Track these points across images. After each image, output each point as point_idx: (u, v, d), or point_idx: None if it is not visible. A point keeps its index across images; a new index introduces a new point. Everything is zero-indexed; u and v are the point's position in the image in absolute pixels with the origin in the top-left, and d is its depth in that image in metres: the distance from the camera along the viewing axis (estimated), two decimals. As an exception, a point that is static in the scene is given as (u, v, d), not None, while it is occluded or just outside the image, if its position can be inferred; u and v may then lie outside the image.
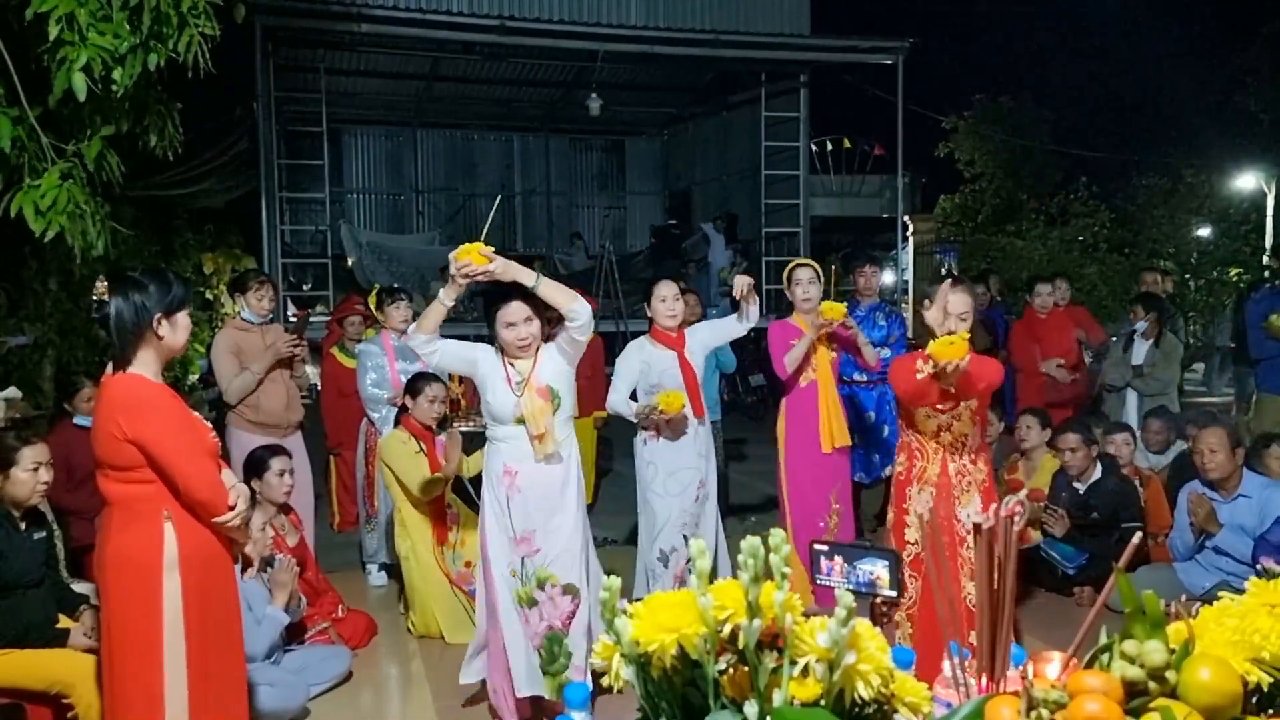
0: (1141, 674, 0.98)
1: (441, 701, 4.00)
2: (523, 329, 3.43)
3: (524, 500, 3.45)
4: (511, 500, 3.45)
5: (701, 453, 4.46)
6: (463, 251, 3.23)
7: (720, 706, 1.08)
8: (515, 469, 3.45)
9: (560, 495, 3.50)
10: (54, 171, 3.41)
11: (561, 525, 3.49)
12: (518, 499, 3.45)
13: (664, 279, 4.69)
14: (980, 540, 1.26)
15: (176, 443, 2.58)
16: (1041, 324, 7.01)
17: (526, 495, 3.45)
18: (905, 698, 1.11)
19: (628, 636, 1.09)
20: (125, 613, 2.62)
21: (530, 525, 3.46)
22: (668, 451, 4.38)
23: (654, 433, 4.40)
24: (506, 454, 3.47)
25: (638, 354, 4.48)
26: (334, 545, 6.02)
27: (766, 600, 1.05)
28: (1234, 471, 4.39)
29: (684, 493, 4.36)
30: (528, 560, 3.47)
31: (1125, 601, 1.04)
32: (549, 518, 3.47)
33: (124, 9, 3.36)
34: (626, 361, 4.49)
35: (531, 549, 3.46)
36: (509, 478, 3.46)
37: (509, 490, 3.45)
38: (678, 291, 4.55)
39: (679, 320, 4.54)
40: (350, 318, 6.66)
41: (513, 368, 3.47)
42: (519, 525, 3.46)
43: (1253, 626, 1.08)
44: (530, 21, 11.70)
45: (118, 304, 2.59)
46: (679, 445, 4.39)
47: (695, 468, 4.41)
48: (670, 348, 4.45)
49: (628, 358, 4.50)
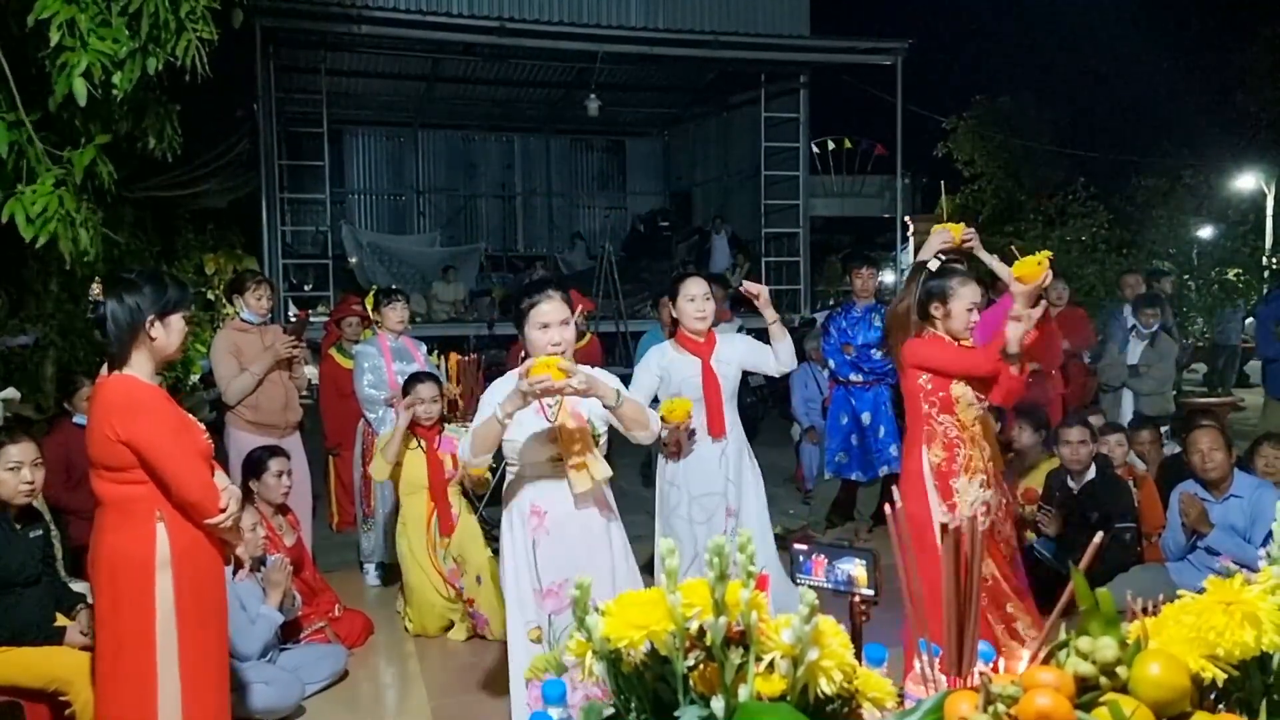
0: (1093, 669, 1.01)
1: (437, 700, 4.04)
2: (556, 332, 2.88)
3: (553, 545, 2.92)
4: (539, 545, 2.93)
5: (730, 477, 3.98)
6: (540, 366, 2.64)
7: (689, 702, 1.11)
8: (545, 509, 2.93)
9: (599, 536, 2.98)
10: (47, 179, 3.44)
11: (603, 570, 2.91)
12: (545, 544, 2.93)
13: (692, 276, 4.17)
14: (947, 539, 1.29)
15: (168, 444, 2.61)
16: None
17: (557, 539, 2.92)
18: (869, 693, 1.13)
19: (599, 633, 1.12)
20: (118, 612, 2.65)
21: (561, 575, 2.89)
22: (694, 473, 3.94)
23: (674, 448, 3.93)
24: (534, 492, 2.95)
25: (657, 360, 4.01)
26: (333, 545, 6.06)
27: (733, 598, 1.08)
28: (1226, 472, 4.41)
29: (710, 521, 3.89)
30: (556, 618, 2.91)
31: (1081, 599, 1.07)
32: (588, 564, 2.85)
33: (123, 14, 3.40)
34: (645, 371, 4.04)
35: (561, 604, 2.89)
36: (536, 519, 2.94)
37: (535, 533, 2.94)
38: (708, 289, 4.04)
39: (709, 323, 4.03)
40: (348, 318, 6.70)
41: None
42: (546, 575, 2.93)
43: (1208, 624, 1.10)
44: (530, 23, 11.74)
45: (112, 305, 2.63)
46: (705, 468, 3.94)
47: (721, 493, 3.93)
48: (695, 354, 3.98)
49: (646, 366, 4.05)
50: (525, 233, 17.76)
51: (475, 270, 14.56)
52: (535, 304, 2.90)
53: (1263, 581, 1.14)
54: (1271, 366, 7.00)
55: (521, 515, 2.98)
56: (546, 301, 2.90)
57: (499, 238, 17.03)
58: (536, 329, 2.89)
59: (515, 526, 3.00)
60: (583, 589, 1.15)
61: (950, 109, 18.62)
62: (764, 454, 8.48)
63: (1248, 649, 1.08)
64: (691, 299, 3.99)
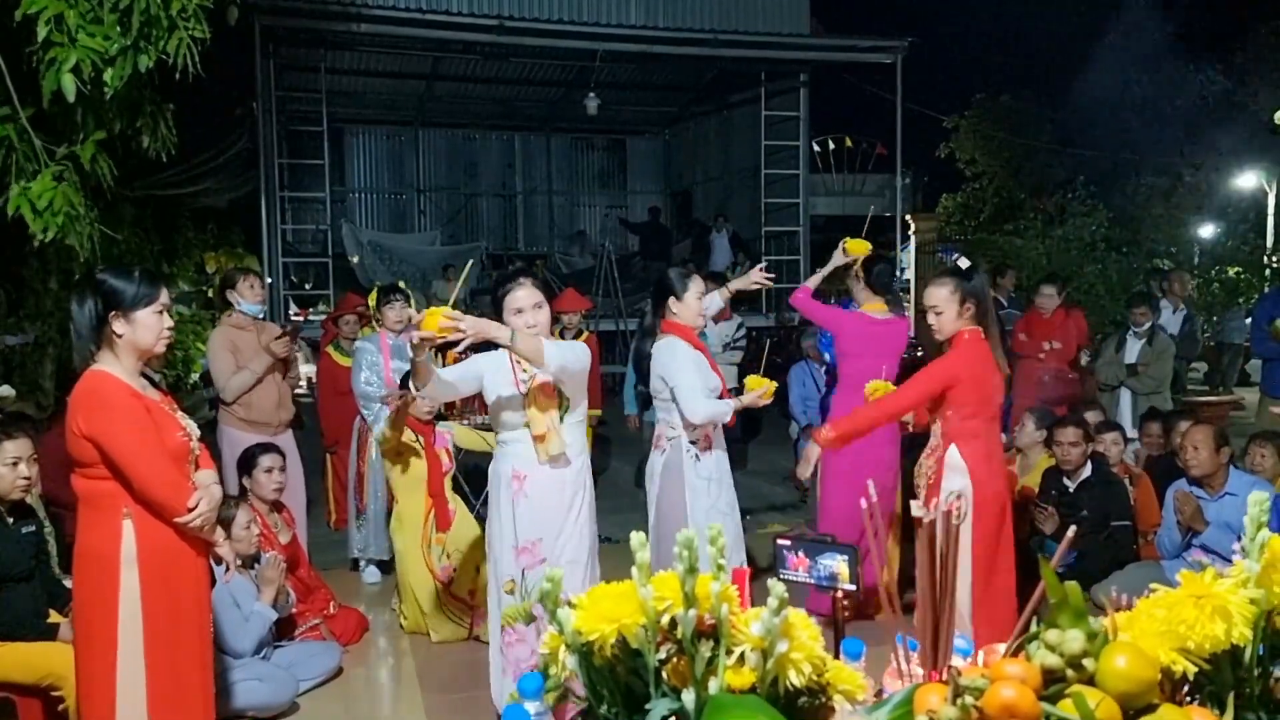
0: (1060, 662, 1.01)
1: (431, 697, 4.04)
2: (530, 315, 3.19)
3: (531, 507, 3.26)
4: (518, 506, 3.27)
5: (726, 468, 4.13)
6: (426, 321, 2.83)
7: (661, 694, 1.11)
8: (524, 473, 3.27)
9: (570, 501, 3.30)
10: (46, 174, 3.44)
11: (569, 534, 3.29)
12: (524, 505, 3.26)
13: (697, 274, 4.20)
14: (921, 534, 1.29)
15: (131, 441, 2.59)
16: (1044, 324, 7.04)
17: (534, 501, 3.26)
18: (840, 685, 1.13)
19: (570, 627, 1.12)
20: (88, 608, 2.66)
21: (536, 533, 3.26)
22: (723, 467, 4.02)
23: (705, 444, 3.91)
24: (515, 458, 3.28)
25: (690, 354, 3.89)
26: (329, 543, 6.06)
27: (703, 591, 1.08)
28: (1219, 470, 4.41)
29: (733, 512, 4.01)
30: (529, 572, 3.24)
31: (1051, 592, 1.07)
32: (558, 525, 3.27)
33: (114, 11, 3.39)
34: (693, 362, 3.86)
35: (535, 559, 3.25)
36: (517, 482, 3.27)
37: (516, 496, 3.27)
38: (705, 288, 4.12)
39: (707, 321, 4.18)
40: (346, 316, 6.70)
41: (519, 365, 3.26)
42: (523, 533, 3.26)
43: (1179, 617, 1.10)
44: (529, 21, 11.74)
45: (74, 304, 2.65)
46: (723, 459, 4.02)
47: (731, 484, 4.08)
48: (701, 350, 3.99)
49: (692, 360, 3.87)
50: (526, 232, 17.76)
51: (476, 269, 14.58)
52: (509, 291, 3.22)
53: (1234, 575, 1.14)
54: (1268, 365, 7.00)
55: (505, 479, 3.29)
56: (519, 288, 3.22)
57: (499, 236, 17.05)
58: (511, 314, 3.19)
59: (499, 490, 3.31)
60: (554, 582, 1.15)
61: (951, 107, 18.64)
62: (763, 452, 8.56)
63: (1218, 642, 1.08)
64: (699, 297, 4.02)
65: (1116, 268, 10.97)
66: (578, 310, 6.95)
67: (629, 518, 4.80)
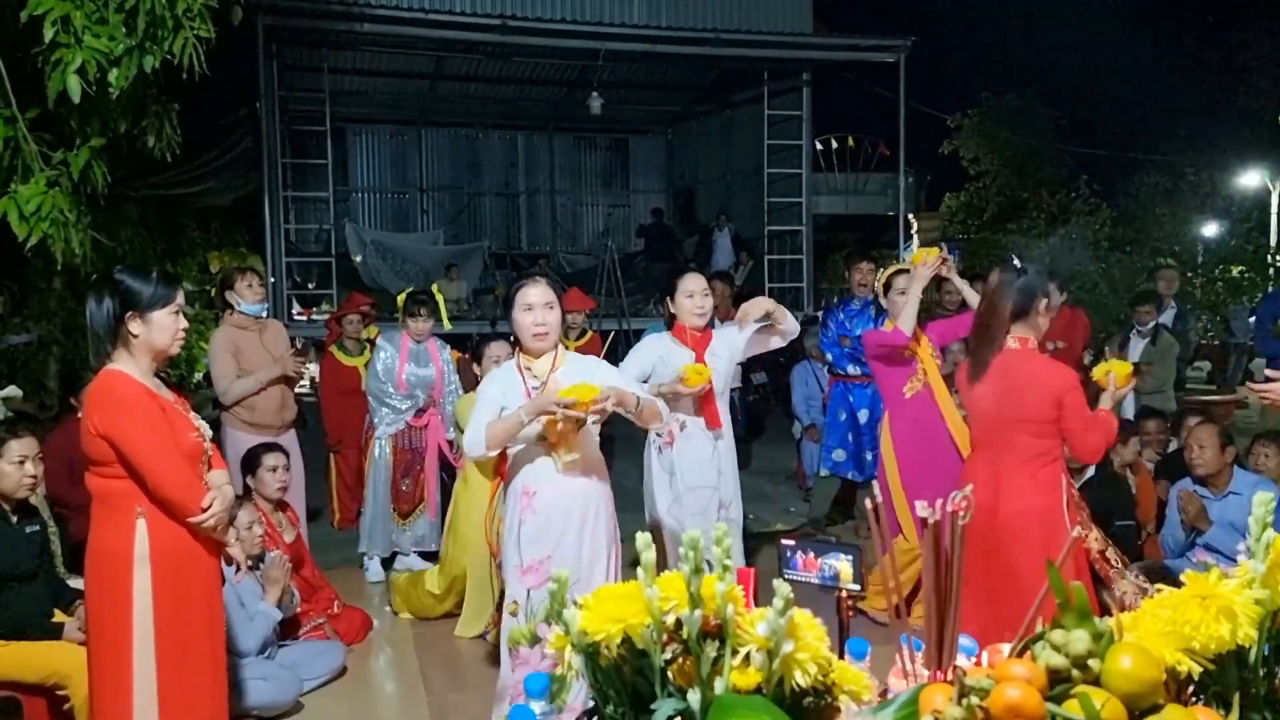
0: (1065, 662, 1.01)
1: (435, 696, 4.05)
2: (540, 313, 3.09)
3: (538, 524, 3.08)
4: (524, 524, 3.10)
5: (722, 470, 4.01)
6: (571, 391, 2.81)
7: (667, 695, 1.11)
8: (534, 489, 3.10)
9: (585, 516, 3.11)
10: (40, 178, 3.45)
11: (583, 550, 3.09)
12: (530, 522, 3.09)
13: (689, 272, 4.19)
14: (928, 534, 1.29)
15: (145, 440, 2.61)
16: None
17: (542, 518, 3.08)
18: (846, 685, 1.14)
19: (576, 627, 1.13)
20: (100, 606, 2.67)
21: (542, 552, 3.07)
22: (689, 465, 3.92)
23: (669, 438, 3.92)
24: (526, 472, 3.12)
25: (654, 348, 4.02)
26: (334, 542, 6.07)
27: (708, 591, 1.08)
28: (1224, 469, 4.41)
29: (705, 513, 3.87)
30: (534, 593, 3.05)
31: (1056, 593, 1.07)
32: (572, 543, 3.07)
33: (119, 11, 3.40)
34: (640, 352, 4.04)
35: (540, 579, 3.04)
36: (526, 499, 3.11)
37: (523, 513, 3.11)
38: (706, 286, 4.07)
39: (708, 318, 4.05)
40: (349, 316, 6.71)
41: (530, 373, 3.13)
42: (528, 552, 3.09)
43: (1183, 618, 1.10)
44: (532, 20, 11.74)
45: (90, 303, 2.66)
46: (700, 459, 3.94)
47: (714, 486, 3.95)
48: (690, 347, 3.98)
49: (642, 350, 4.05)
50: (529, 231, 17.76)
51: (479, 268, 14.57)
52: (521, 287, 3.17)
53: (1239, 576, 1.14)
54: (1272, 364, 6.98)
55: (515, 494, 3.16)
56: (532, 286, 3.16)
57: (502, 236, 17.03)
58: (521, 310, 3.12)
59: (510, 505, 3.19)
60: (560, 582, 1.15)
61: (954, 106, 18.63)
62: (765, 451, 8.57)
63: (1223, 642, 1.08)
64: (690, 295, 4.00)
65: (1120, 267, 10.96)
66: (581, 310, 6.98)
67: (632, 517, 4.79)
